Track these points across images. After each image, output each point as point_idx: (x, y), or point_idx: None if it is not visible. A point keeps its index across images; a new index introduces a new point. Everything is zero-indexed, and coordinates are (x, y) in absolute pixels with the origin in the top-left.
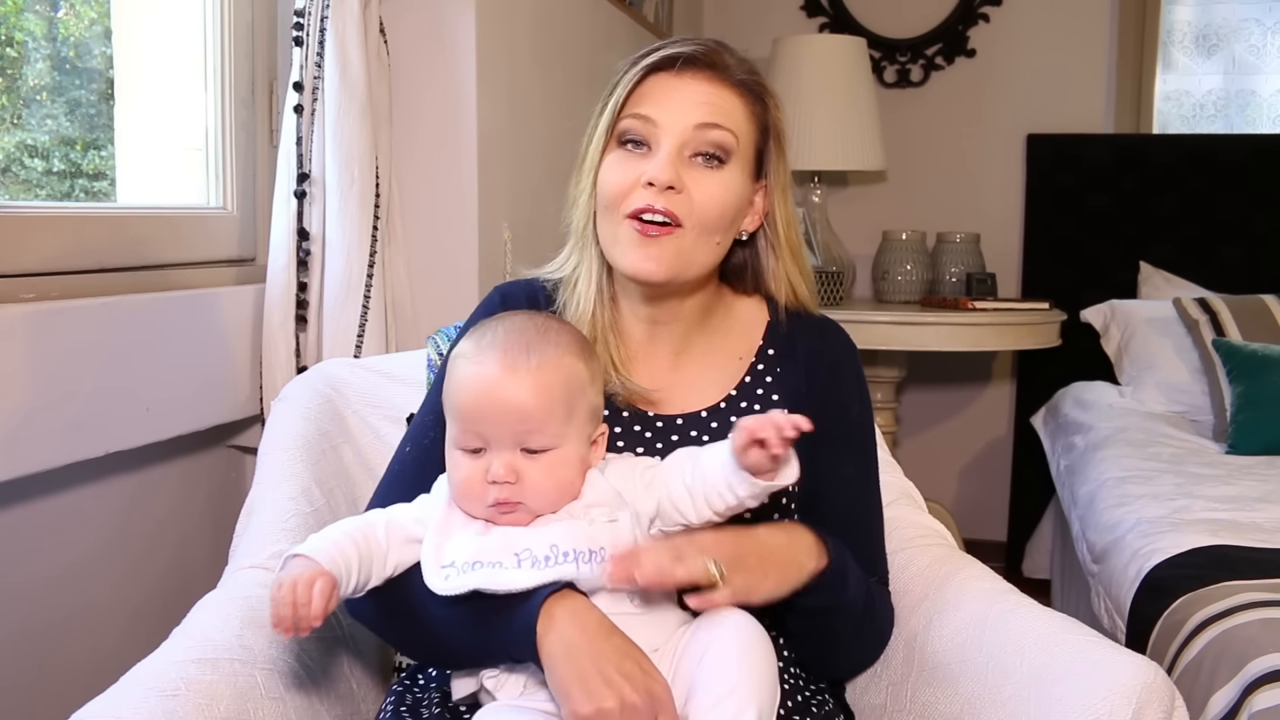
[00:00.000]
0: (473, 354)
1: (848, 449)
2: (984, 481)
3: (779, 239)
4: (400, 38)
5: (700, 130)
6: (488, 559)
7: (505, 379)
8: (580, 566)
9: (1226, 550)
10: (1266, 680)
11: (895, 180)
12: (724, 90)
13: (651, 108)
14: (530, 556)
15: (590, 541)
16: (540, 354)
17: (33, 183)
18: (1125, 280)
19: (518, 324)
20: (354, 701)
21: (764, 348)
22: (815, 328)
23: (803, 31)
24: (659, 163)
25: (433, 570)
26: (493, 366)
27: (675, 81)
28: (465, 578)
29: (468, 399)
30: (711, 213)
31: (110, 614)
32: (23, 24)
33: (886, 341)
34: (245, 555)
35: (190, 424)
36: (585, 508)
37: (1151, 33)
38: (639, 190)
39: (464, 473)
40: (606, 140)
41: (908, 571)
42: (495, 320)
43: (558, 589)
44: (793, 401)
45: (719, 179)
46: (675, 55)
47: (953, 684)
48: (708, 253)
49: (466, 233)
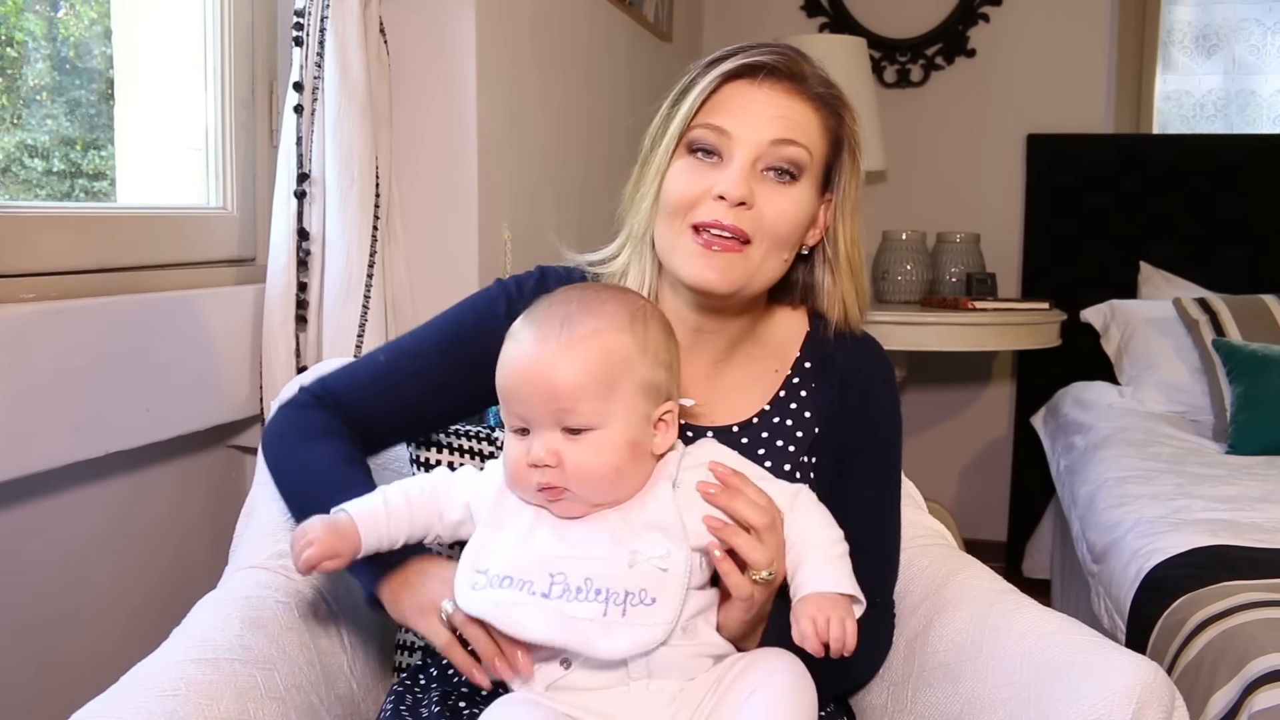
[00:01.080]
0: (514, 331)
1: (872, 471)
2: (984, 481)
3: (839, 257)
4: (400, 38)
5: (776, 146)
6: (519, 574)
7: (537, 354)
8: (610, 608)
9: (1226, 550)
10: (1266, 680)
11: (895, 180)
12: (801, 103)
13: (727, 119)
14: (563, 582)
15: (628, 584)
16: (575, 327)
17: (33, 183)
18: (1125, 280)
19: (561, 296)
20: (354, 701)
21: (800, 360)
22: (854, 344)
23: (803, 31)
24: (732, 176)
25: (467, 571)
26: (527, 343)
27: (753, 91)
28: (486, 597)
29: (505, 377)
30: (782, 230)
31: (110, 614)
32: (23, 24)
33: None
34: (245, 555)
35: (190, 424)
36: (644, 528)
37: (1151, 33)
38: (708, 202)
39: (512, 455)
40: (676, 146)
41: (908, 571)
42: (549, 294)
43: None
44: (824, 419)
45: (790, 195)
46: (756, 64)
47: (953, 684)
48: (773, 268)
49: (466, 233)
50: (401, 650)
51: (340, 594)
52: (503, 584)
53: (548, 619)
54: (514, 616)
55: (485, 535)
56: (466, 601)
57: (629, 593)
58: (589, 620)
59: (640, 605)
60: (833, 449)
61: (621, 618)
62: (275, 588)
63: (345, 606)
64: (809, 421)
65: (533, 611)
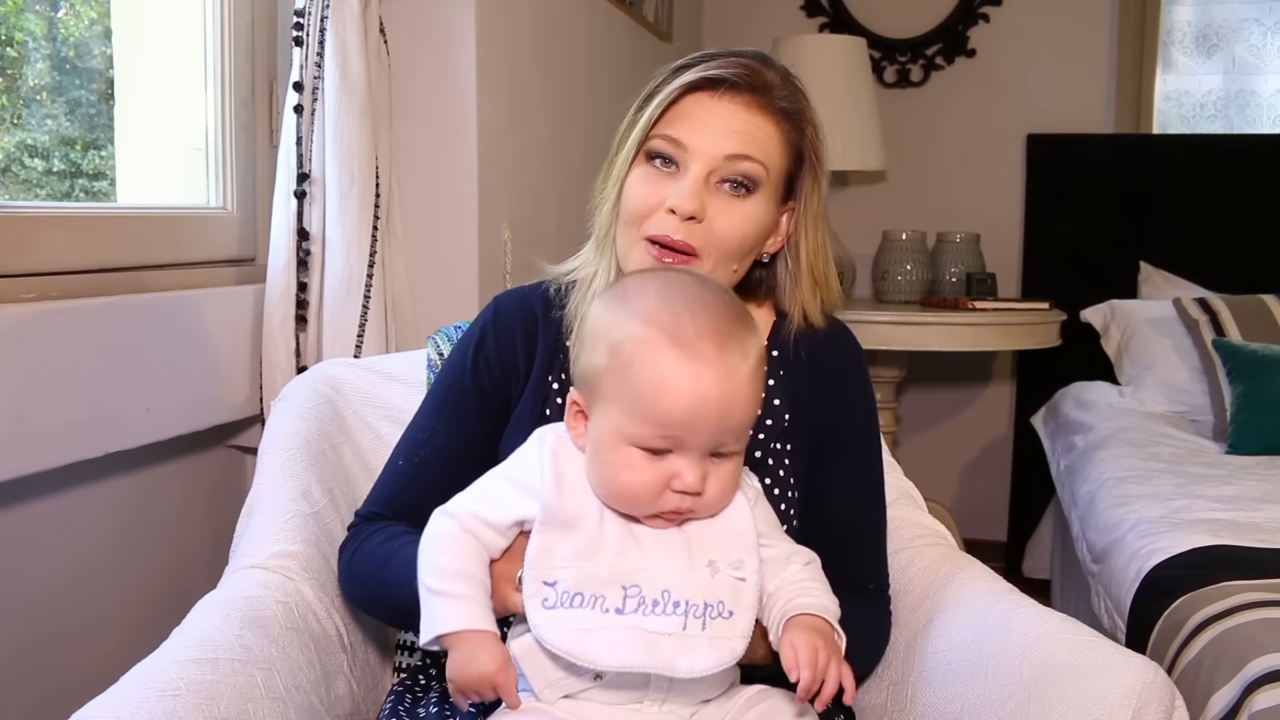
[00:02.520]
0: (673, 340)
1: (850, 455)
2: (984, 481)
3: (799, 264)
4: (400, 38)
5: (730, 161)
6: (590, 589)
7: (725, 381)
8: (689, 621)
9: (1226, 550)
10: (1266, 680)
11: (895, 180)
12: (761, 118)
13: (684, 131)
14: (638, 595)
15: (707, 595)
16: (752, 349)
17: (33, 183)
18: (1125, 280)
19: (713, 301)
20: (354, 701)
21: (767, 349)
22: (822, 333)
23: (803, 31)
24: (684, 190)
25: (534, 583)
26: (711, 365)
27: (713, 104)
28: (559, 621)
29: (679, 403)
30: (731, 243)
31: (110, 614)
32: (23, 24)
33: (886, 341)
34: (245, 555)
35: (190, 424)
36: (722, 535)
37: (1151, 33)
38: (660, 215)
39: (643, 476)
40: (635, 153)
41: (908, 571)
42: (674, 289)
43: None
44: (794, 406)
45: (743, 209)
46: (717, 78)
47: (953, 684)
48: (723, 279)
49: (466, 233)
50: (401, 650)
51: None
52: (574, 601)
53: (626, 644)
54: (590, 649)
55: (548, 538)
56: (539, 624)
57: (708, 605)
58: (668, 635)
59: (719, 618)
60: (807, 436)
61: (701, 631)
62: (275, 588)
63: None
64: (778, 409)
65: (609, 638)
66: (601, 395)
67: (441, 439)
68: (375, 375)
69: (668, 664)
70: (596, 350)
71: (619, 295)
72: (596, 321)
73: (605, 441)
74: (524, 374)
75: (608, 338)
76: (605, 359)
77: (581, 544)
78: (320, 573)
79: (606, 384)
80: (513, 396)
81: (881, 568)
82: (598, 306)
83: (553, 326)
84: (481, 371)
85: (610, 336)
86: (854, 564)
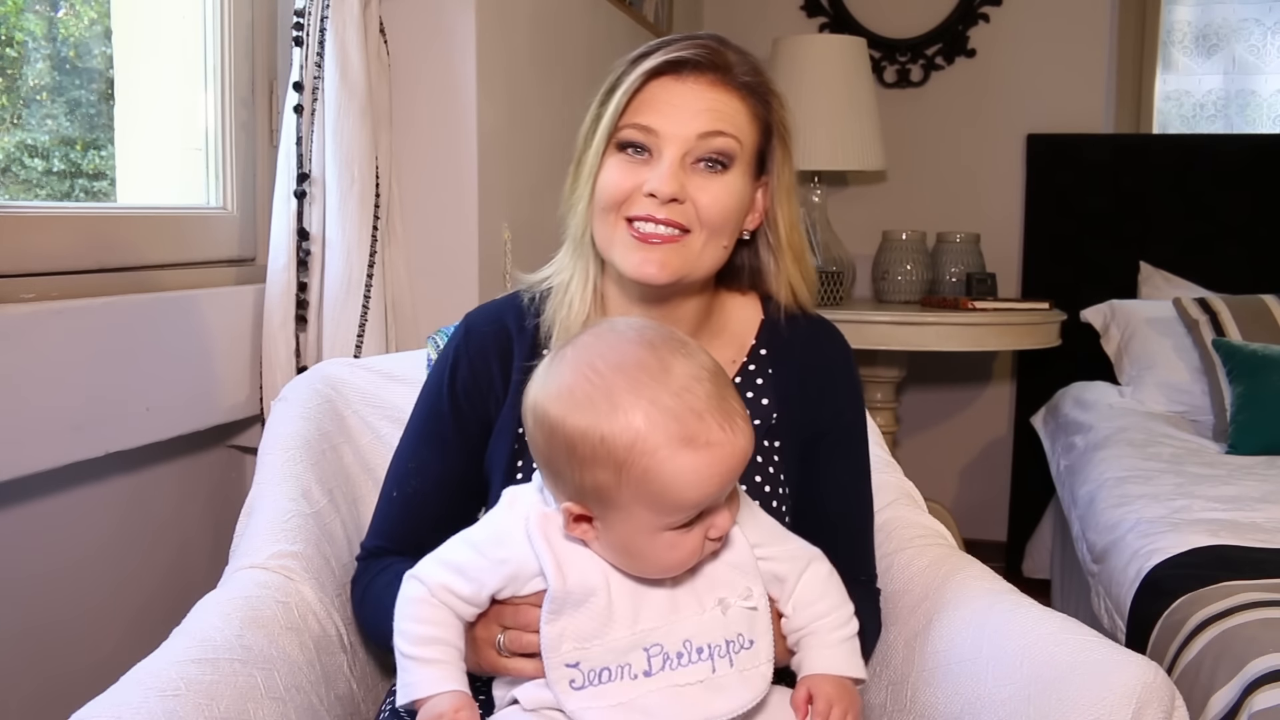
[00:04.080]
0: (681, 438)
1: (840, 452)
2: (984, 481)
3: (779, 239)
4: (400, 38)
5: (704, 139)
6: (615, 661)
7: (740, 441)
8: (716, 663)
9: (1226, 550)
10: (1266, 680)
11: (895, 180)
12: (726, 94)
13: (653, 116)
14: (660, 653)
15: (726, 633)
16: (727, 385)
17: (33, 183)
18: (1125, 280)
19: (679, 368)
20: (354, 701)
21: (756, 347)
22: (810, 328)
23: (803, 31)
24: (661, 174)
25: (558, 668)
26: (723, 439)
27: (677, 87)
28: (595, 701)
29: (708, 487)
30: (716, 218)
31: (110, 614)
32: (23, 24)
33: (886, 341)
34: (245, 555)
35: (190, 424)
36: (724, 570)
37: (1151, 33)
38: (640, 199)
39: (686, 548)
40: (606, 144)
41: (908, 571)
42: (638, 374)
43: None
44: (784, 403)
45: (723, 183)
46: (679, 60)
47: (953, 684)
48: (714, 255)
49: (466, 233)
50: None
51: (339, 594)
52: (602, 677)
53: (662, 706)
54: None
55: (560, 624)
56: (574, 709)
57: (729, 642)
58: (700, 684)
59: (743, 650)
60: (796, 434)
61: (730, 669)
62: (275, 588)
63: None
64: (766, 408)
65: (645, 705)
66: (617, 505)
67: (430, 468)
68: (375, 375)
69: (708, 713)
70: (595, 469)
71: (584, 400)
72: (575, 437)
73: (637, 538)
74: (500, 389)
75: (606, 455)
76: (612, 476)
77: (595, 621)
78: (320, 573)
79: (621, 496)
80: (491, 412)
81: (869, 562)
82: (562, 413)
83: (527, 335)
84: (459, 394)
85: (610, 454)
86: (847, 557)
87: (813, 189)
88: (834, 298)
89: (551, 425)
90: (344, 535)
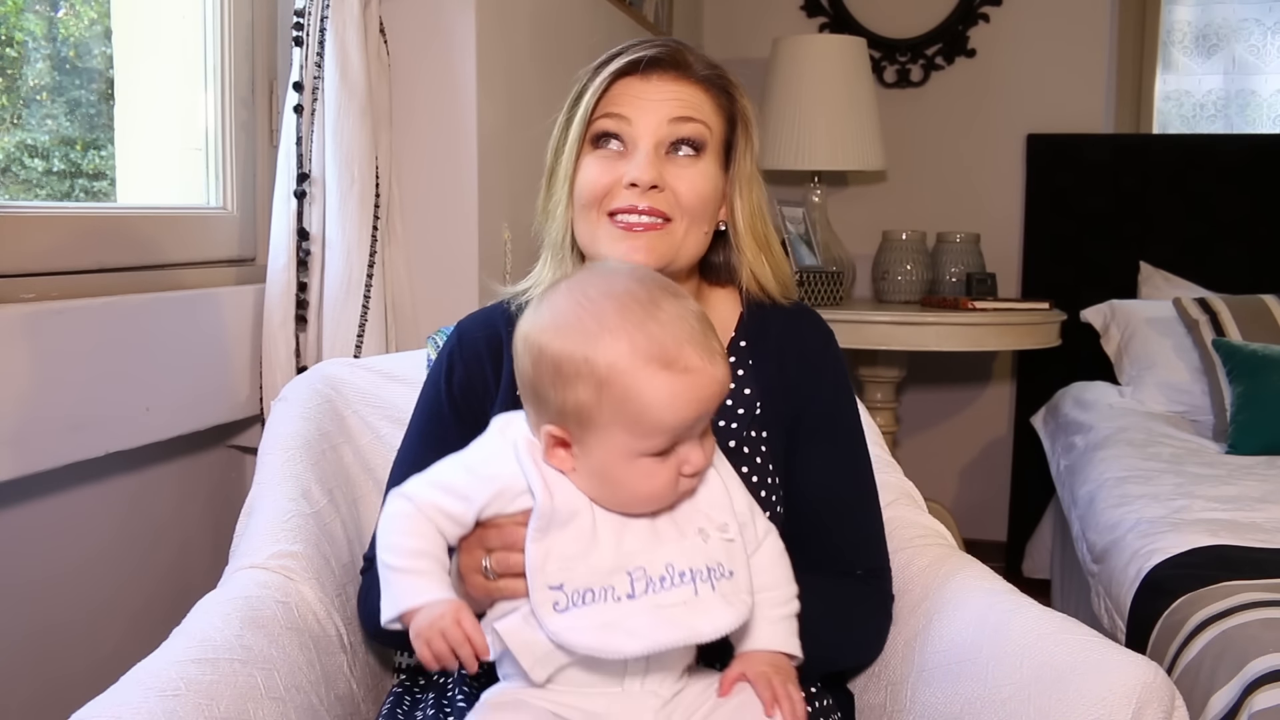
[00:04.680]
0: (661, 360)
1: (822, 436)
2: (984, 481)
3: (737, 230)
4: (400, 38)
5: (675, 125)
6: (599, 583)
7: (716, 373)
8: (698, 586)
9: (1226, 550)
10: (1266, 680)
11: (895, 180)
12: (690, 87)
13: (625, 108)
14: (644, 576)
15: (708, 559)
16: (709, 326)
17: (33, 183)
18: (1125, 280)
19: (667, 304)
20: (354, 701)
21: (735, 340)
22: (788, 316)
23: (803, 31)
24: (639, 163)
25: (541, 589)
26: (700, 366)
27: (643, 85)
28: (576, 622)
29: (684, 412)
30: (696, 204)
31: (110, 614)
32: (23, 24)
33: (886, 341)
34: (245, 555)
35: (190, 424)
36: (705, 506)
37: (1151, 33)
38: (621, 191)
39: (661, 478)
40: (580, 145)
41: (908, 571)
42: (628, 301)
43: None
44: (766, 393)
45: (698, 170)
46: (639, 59)
47: (953, 684)
48: (696, 241)
49: (466, 233)
50: (402, 651)
51: (339, 594)
52: (585, 599)
53: (647, 627)
54: (614, 641)
55: (546, 543)
56: (557, 629)
57: (710, 568)
58: (684, 605)
59: (724, 578)
60: (781, 423)
61: (713, 592)
62: (275, 588)
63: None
64: (749, 398)
65: (630, 626)
66: (596, 425)
67: None
68: (375, 375)
69: (691, 632)
70: (576, 388)
71: (574, 322)
72: (561, 357)
73: (614, 462)
74: (493, 389)
75: (588, 373)
76: (593, 394)
77: (580, 542)
78: (320, 573)
79: (601, 415)
80: (487, 412)
81: (871, 552)
82: (550, 337)
83: None
84: (456, 396)
85: (592, 371)
86: (837, 548)
87: (813, 189)
88: (834, 298)
89: (540, 348)
90: (344, 535)
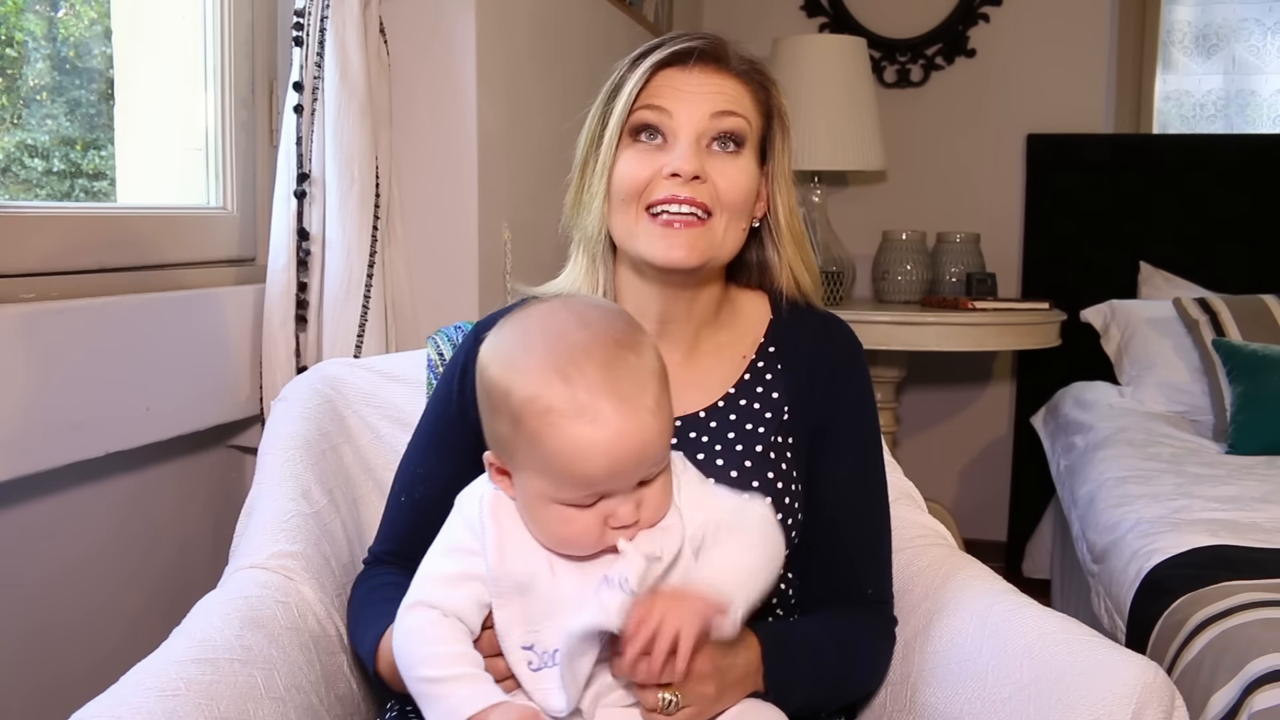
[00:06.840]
0: (571, 409)
1: (840, 449)
2: (984, 481)
3: (779, 226)
4: (400, 38)
5: (716, 119)
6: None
7: (633, 430)
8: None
9: (1226, 550)
10: (1266, 680)
11: (895, 180)
12: (731, 80)
13: (667, 101)
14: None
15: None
16: (649, 383)
17: (33, 183)
18: (1125, 280)
19: (600, 352)
20: (354, 701)
21: (765, 344)
22: (819, 324)
23: (803, 31)
24: (682, 154)
25: (514, 650)
26: (613, 422)
27: (684, 76)
28: (548, 684)
29: (596, 467)
30: (736, 199)
31: (110, 614)
32: (23, 24)
33: (886, 341)
34: (245, 555)
35: (190, 424)
36: (657, 534)
37: (1151, 33)
38: (661, 182)
39: (580, 526)
40: (619, 137)
41: (908, 571)
42: (560, 343)
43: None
44: (793, 400)
45: (738, 164)
46: (684, 50)
47: (953, 684)
48: (735, 238)
49: (466, 233)
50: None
51: (339, 594)
52: (555, 658)
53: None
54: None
55: (508, 609)
56: (534, 689)
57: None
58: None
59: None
60: (806, 430)
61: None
62: (275, 588)
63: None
64: (777, 403)
65: (608, 680)
66: (517, 463)
67: (439, 474)
68: (375, 375)
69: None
70: (499, 419)
71: (504, 351)
72: (490, 384)
73: (534, 503)
74: None
75: (505, 407)
76: (509, 430)
77: (542, 604)
78: (320, 573)
79: (518, 453)
80: None
81: (878, 575)
82: (488, 361)
83: None
84: (468, 400)
85: (508, 406)
86: (846, 566)
87: (813, 189)
88: (834, 298)
89: (480, 369)
90: (344, 535)
